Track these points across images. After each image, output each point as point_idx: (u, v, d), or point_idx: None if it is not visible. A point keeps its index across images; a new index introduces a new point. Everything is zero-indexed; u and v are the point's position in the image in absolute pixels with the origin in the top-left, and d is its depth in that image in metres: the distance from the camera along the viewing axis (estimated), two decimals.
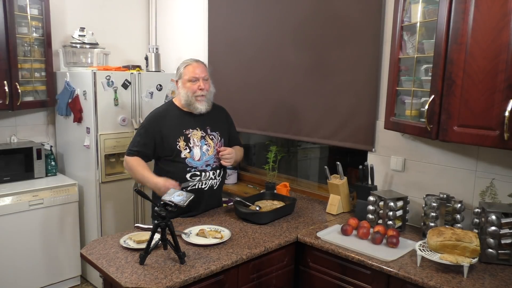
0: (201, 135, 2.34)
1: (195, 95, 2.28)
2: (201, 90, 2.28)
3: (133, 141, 2.33)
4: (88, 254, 1.84)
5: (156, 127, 2.28)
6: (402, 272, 1.75)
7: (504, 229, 1.81)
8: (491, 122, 1.67)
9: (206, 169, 2.33)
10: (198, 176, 2.31)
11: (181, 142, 2.28)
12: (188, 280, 1.66)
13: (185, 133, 2.30)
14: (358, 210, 2.40)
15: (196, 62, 2.33)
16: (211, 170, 2.35)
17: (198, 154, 2.31)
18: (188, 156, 2.28)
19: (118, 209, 3.27)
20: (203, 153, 2.32)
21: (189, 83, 2.28)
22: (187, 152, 2.28)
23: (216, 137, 2.40)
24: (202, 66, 2.33)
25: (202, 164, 2.32)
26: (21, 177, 3.15)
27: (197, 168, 2.30)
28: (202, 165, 2.32)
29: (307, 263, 2.15)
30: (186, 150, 2.28)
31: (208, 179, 2.34)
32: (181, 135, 2.29)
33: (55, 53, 3.41)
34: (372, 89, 2.49)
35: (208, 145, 2.35)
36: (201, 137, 2.34)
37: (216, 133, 2.41)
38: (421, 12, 1.98)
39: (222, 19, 3.36)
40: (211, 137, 2.38)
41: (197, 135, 2.32)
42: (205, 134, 2.36)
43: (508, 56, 1.60)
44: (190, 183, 2.28)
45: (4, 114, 3.27)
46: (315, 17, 2.73)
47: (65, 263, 3.21)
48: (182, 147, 2.28)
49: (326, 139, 2.77)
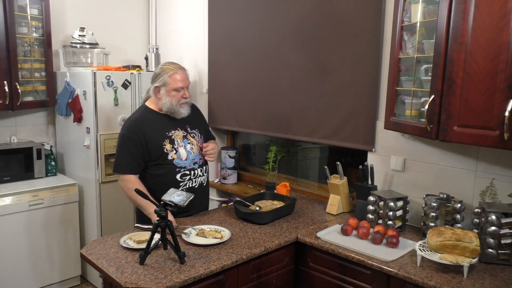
0: (182, 134, 2.36)
1: (180, 103, 2.30)
2: (185, 98, 2.31)
3: (120, 155, 2.24)
4: (88, 254, 1.84)
5: (138, 133, 2.23)
6: (402, 272, 1.75)
7: (504, 229, 1.81)
8: (491, 122, 1.67)
9: (194, 167, 2.36)
10: (188, 175, 2.32)
11: (167, 144, 2.28)
12: (188, 280, 1.66)
13: (168, 135, 2.30)
14: (358, 210, 2.40)
15: (181, 70, 2.31)
16: (198, 168, 2.38)
17: (184, 154, 2.33)
18: (175, 157, 2.29)
19: (118, 209, 3.27)
20: (189, 152, 2.34)
21: (174, 92, 2.27)
22: (174, 154, 2.29)
23: (196, 134, 2.44)
24: (185, 74, 2.34)
25: (190, 163, 2.34)
26: (21, 177, 3.15)
27: (186, 168, 2.32)
28: (190, 164, 2.34)
29: (307, 263, 2.15)
30: (173, 151, 2.29)
31: (197, 176, 2.37)
32: (165, 138, 2.28)
33: (55, 53, 3.41)
34: (372, 89, 2.49)
35: (192, 144, 2.38)
36: (183, 137, 2.36)
37: (196, 130, 2.44)
38: (421, 12, 1.98)
39: (222, 19, 3.36)
40: (192, 135, 2.41)
41: (179, 135, 2.34)
42: (186, 133, 2.38)
43: (508, 56, 1.60)
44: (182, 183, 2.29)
45: (4, 114, 3.28)
46: (315, 17, 2.73)
47: (65, 263, 3.21)
48: (169, 150, 2.28)
49: (326, 139, 2.77)
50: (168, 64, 2.34)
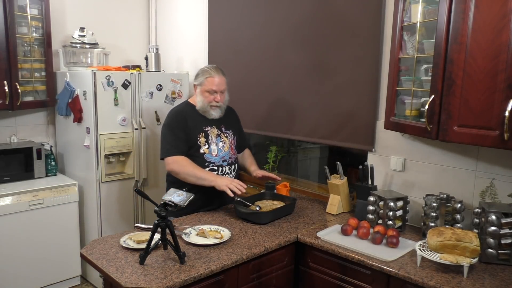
0: (216, 133, 2.48)
1: (210, 105, 2.42)
2: (216, 101, 2.41)
3: (167, 141, 2.38)
4: (88, 254, 1.84)
5: (182, 120, 2.39)
6: (402, 272, 1.75)
7: (504, 229, 1.81)
8: (491, 122, 1.67)
9: (223, 164, 2.46)
10: (215, 171, 2.42)
11: (202, 138, 2.41)
12: (188, 280, 1.66)
13: (204, 130, 2.43)
14: (358, 210, 2.40)
15: (218, 75, 2.43)
16: (227, 165, 2.47)
17: (215, 150, 2.44)
18: (207, 151, 2.41)
19: (118, 209, 3.27)
20: (219, 150, 2.46)
21: (207, 93, 2.41)
22: (206, 148, 2.41)
23: (230, 135, 2.55)
24: (222, 79, 2.45)
25: (219, 160, 2.45)
26: (21, 177, 3.15)
27: (215, 163, 2.43)
28: (219, 161, 2.45)
29: (307, 263, 2.15)
30: (205, 146, 2.41)
31: (224, 173, 2.46)
32: (201, 131, 2.42)
33: (55, 53, 3.41)
34: (372, 89, 2.49)
35: (224, 142, 2.49)
36: (217, 135, 2.47)
37: (230, 131, 2.56)
38: (421, 12, 1.98)
39: (222, 19, 3.36)
40: (225, 135, 2.52)
41: (213, 133, 2.46)
42: (220, 132, 2.50)
43: (508, 56, 1.60)
44: None
45: (4, 114, 3.27)
46: (315, 17, 2.73)
47: (65, 263, 3.20)
48: (202, 143, 2.41)
49: (326, 139, 2.77)
50: (210, 67, 2.48)
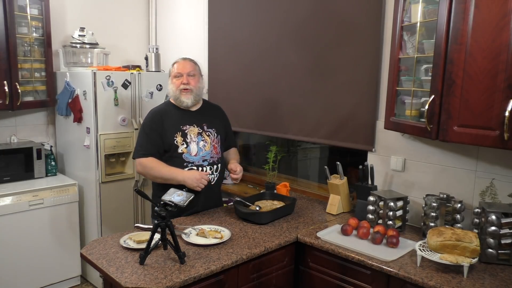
0: (198, 131, 2.41)
1: (179, 89, 2.38)
2: (184, 84, 2.37)
3: (140, 142, 2.36)
4: (88, 254, 1.84)
5: (158, 122, 2.35)
6: (402, 272, 1.75)
7: (504, 229, 1.81)
8: (491, 122, 1.67)
9: (203, 164, 2.38)
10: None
11: (179, 137, 2.35)
12: (188, 280, 1.66)
13: (182, 129, 2.37)
14: (358, 210, 2.40)
15: (183, 60, 2.45)
16: (207, 165, 2.40)
17: (195, 150, 2.37)
18: (185, 151, 2.34)
19: (118, 209, 3.27)
20: (200, 149, 2.38)
21: (175, 79, 2.39)
22: (184, 148, 2.34)
23: (212, 133, 2.47)
24: (188, 63, 2.43)
25: (199, 159, 2.37)
26: (21, 177, 3.15)
27: (194, 163, 2.36)
28: (199, 160, 2.37)
29: (307, 263, 2.15)
30: (183, 145, 2.35)
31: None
32: (178, 131, 2.36)
33: (55, 53, 3.41)
34: (372, 89, 2.49)
35: (205, 141, 2.41)
36: (198, 133, 2.40)
37: (213, 129, 2.47)
38: (421, 12, 1.98)
39: (222, 19, 3.36)
40: (207, 134, 2.44)
41: (194, 131, 2.39)
42: (202, 130, 2.43)
43: (508, 56, 1.60)
44: None
45: (4, 114, 3.28)
46: (315, 17, 2.73)
47: (65, 263, 3.20)
48: (179, 142, 2.34)
49: (326, 139, 2.77)
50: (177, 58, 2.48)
